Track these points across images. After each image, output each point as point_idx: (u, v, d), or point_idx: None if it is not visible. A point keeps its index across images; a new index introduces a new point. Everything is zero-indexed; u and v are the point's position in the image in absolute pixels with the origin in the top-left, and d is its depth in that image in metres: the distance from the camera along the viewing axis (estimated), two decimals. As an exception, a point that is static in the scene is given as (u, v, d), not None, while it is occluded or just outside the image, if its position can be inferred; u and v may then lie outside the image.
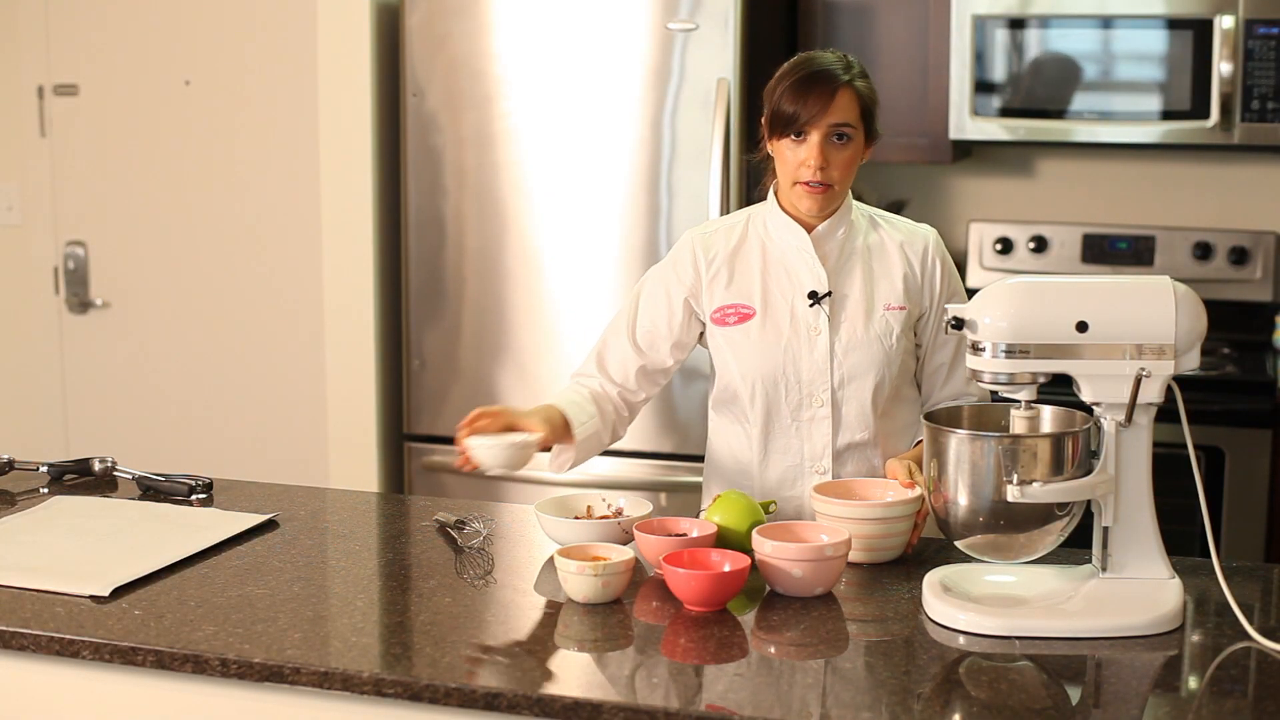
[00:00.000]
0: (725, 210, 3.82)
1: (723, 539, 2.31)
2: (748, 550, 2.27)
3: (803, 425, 2.61)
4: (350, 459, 4.26)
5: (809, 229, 2.62)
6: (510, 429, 2.51)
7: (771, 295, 2.62)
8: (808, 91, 2.53)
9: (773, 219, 2.65)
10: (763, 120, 2.62)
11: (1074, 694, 1.92)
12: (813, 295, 2.59)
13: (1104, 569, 2.16)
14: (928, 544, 2.47)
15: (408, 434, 4.20)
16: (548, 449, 2.60)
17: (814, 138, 2.52)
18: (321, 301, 4.39)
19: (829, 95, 2.52)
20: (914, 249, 2.65)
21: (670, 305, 2.67)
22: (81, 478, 2.86)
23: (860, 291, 2.61)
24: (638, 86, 3.91)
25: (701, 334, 2.70)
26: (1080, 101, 3.93)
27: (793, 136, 2.54)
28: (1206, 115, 3.80)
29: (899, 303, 2.61)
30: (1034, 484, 2.08)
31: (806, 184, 2.55)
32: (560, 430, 2.60)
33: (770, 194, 2.67)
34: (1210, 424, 3.66)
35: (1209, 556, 2.18)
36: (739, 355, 2.63)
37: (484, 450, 2.43)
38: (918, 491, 2.39)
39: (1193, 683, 1.96)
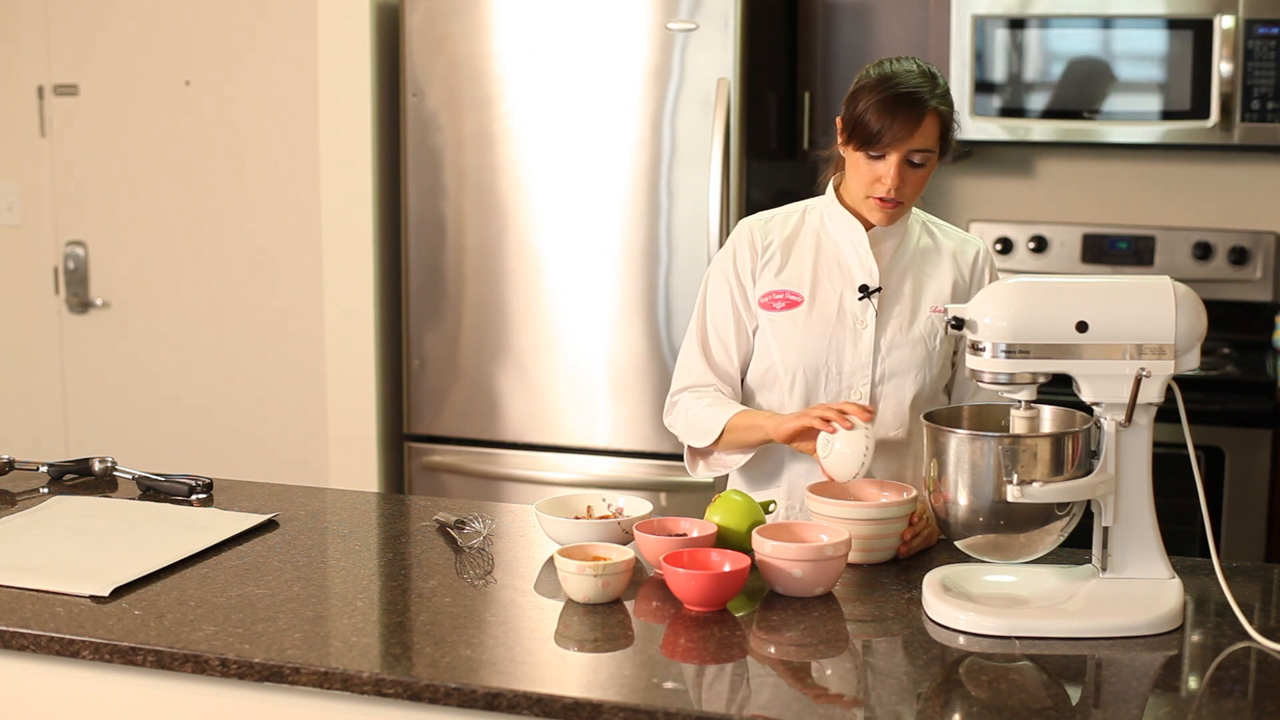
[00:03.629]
0: (725, 210, 3.82)
1: (723, 539, 2.31)
2: (748, 550, 2.27)
3: None
4: (350, 459, 4.26)
5: (866, 226, 2.63)
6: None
7: (821, 285, 2.63)
8: (894, 113, 2.49)
9: (830, 212, 2.66)
10: (839, 121, 2.59)
11: (1074, 694, 1.92)
12: (863, 289, 2.61)
13: (1104, 569, 2.16)
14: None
15: (408, 434, 4.20)
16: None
17: (893, 158, 2.51)
18: (321, 301, 4.40)
19: (915, 121, 2.50)
20: (964, 257, 2.67)
21: (743, 289, 2.67)
22: (81, 478, 2.86)
23: (909, 291, 2.63)
24: (638, 86, 3.91)
25: None
26: (1080, 102, 3.93)
27: (870, 153, 2.53)
28: (1206, 115, 3.81)
29: (945, 306, 2.61)
30: (1034, 484, 2.08)
31: (879, 199, 2.55)
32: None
33: (830, 188, 2.68)
34: (1210, 424, 3.66)
35: (1209, 556, 2.18)
36: (782, 341, 2.64)
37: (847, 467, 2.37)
38: (912, 492, 2.39)
39: (1193, 683, 1.96)
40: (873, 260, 2.62)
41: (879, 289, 2.61)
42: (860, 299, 2.61)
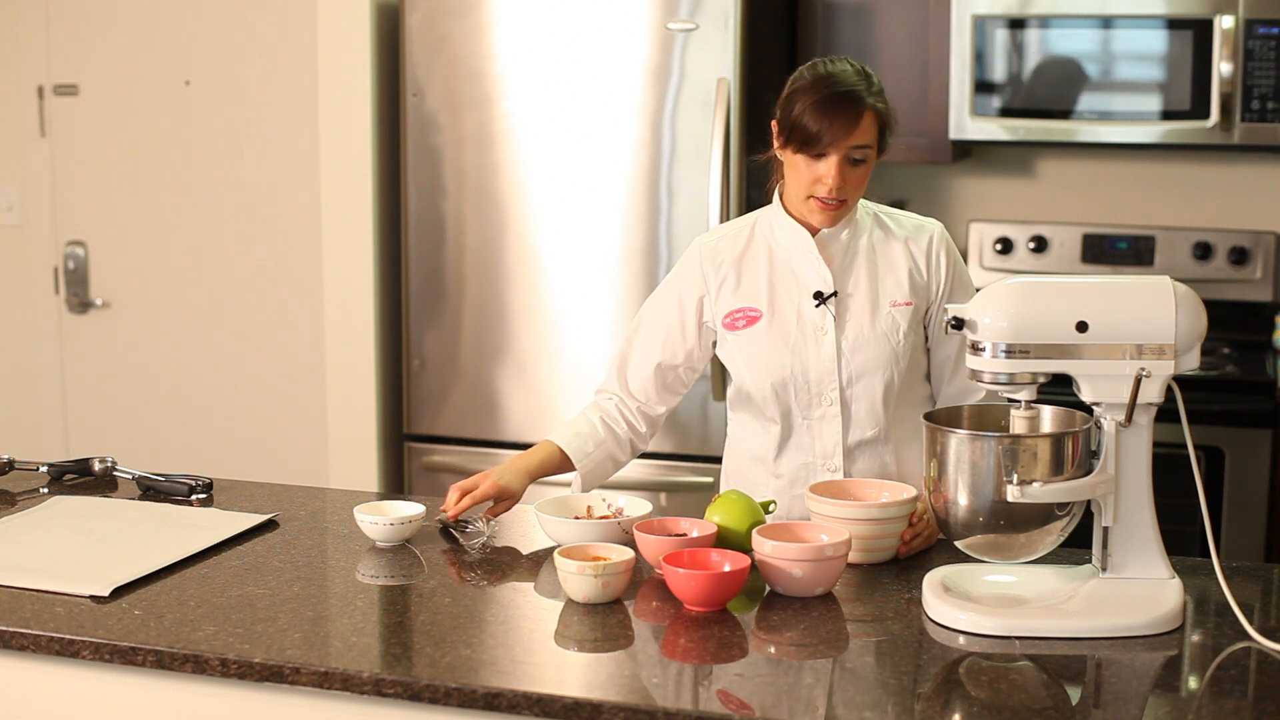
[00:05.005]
0: (725, 210, 3.82)
1: (723, 539, 2.31)
2: (748, 550, 2.27)
3: (814, 424, 2.61)
4: (350, 459, 4.26)
5: (813, 231, 2.62)
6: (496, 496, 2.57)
7: (778, 297, 2.62)
8: (832, 112, 2.49)
9: (777, 221, 2.65)
10: (775, 124, 2.60)
11: (1074, 694, 1.92)
12: (818, 295, 2.60)
13: (1104, 569, 2.16)
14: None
15: (408, 434, 4.20)
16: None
17: (833, 158, 2.51)
18: (321, 301, 4.39)
19: (854, 118, 2.50)
20: (918, 244, 2.65)
21: (683, 315, 2.68)
22: (81, 478, 2.86)
23: (866, 290, 2.61)
24: (638, 86, 3.91)
25: (715, 341, 2.71)
26: (1080, 101, 3.93)
27: (810, 154, 2.53)
28: (1206, 115, 3.81)
29: (905, 299, 2.61)
30: (1034, 484, 2.08)
31: (821, 199, 2.55)
32: (562, 463, 2.67)
33: (775, 197, 2.67)
34: (1210, 424, 3.66)
35: (1209, 556, 2.18)
36: (748, 358, 2.63)
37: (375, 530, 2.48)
38: (912, 492, 2.39)
39: (1193, 683, 1.96)
40: (824, 265, 2.60)
41: (834, 293, 2.60)
42: (817, 306, 2.60)
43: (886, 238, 2.65)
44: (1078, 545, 2.27)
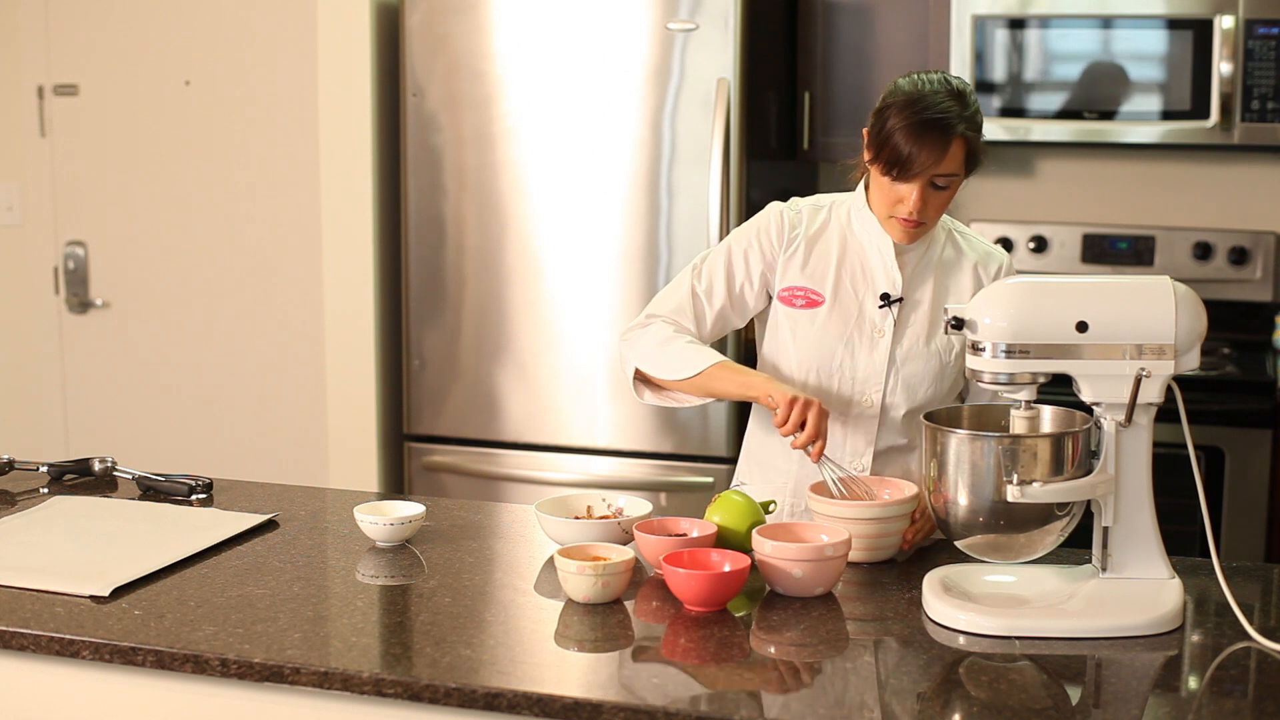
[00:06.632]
0: (725, 210, 3.82)
1: (723, 539, 2.31)
2: (748, 550, 2.27)
3: (848, 421, 2.60)
4: (350, 459, 4.26)
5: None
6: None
7: (843, 288, 2.61)
8: (920, 139, 2.43)
9: (858, 214, 2.63)
10: (866, 133, 2.53)
11: (1074, 694, 1.92)
12: (885, 297, 2.59)
13: (1104, 569, 2.16)
14: (927, 543, 2.47)
15: (408, 434, 4.20)
16: None
17: (917, 182, 2.48)
18: (321, 301, 4.40)
19: (943, 148, 2.45)
20: (987, 270, 2.64)
21: (749, 271, 2.64)
22: (81, 478, 2.86)
23: (929, 303, 2.60)
24: (638, 86, 3.91)
25: (764, 308, 2.68)
26: (1080, 102, 3.93)
27: (894, 177, 2.49)
28: (1206, 115, 3.81)
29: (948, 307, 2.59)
30: (1034, 484, 2.08)
31: (901, 219, 2.53)
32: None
33: (860, 188, 2.64)
34: (1210, 424, 3.66)
35: (1209, 556, 2.18)
36: (799, 339, 2.62)
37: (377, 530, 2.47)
38: (914, 490, 2.39)
39: (1193, 683, 1.96)
40: (897, 269, 2.59)
41: (900, 299, 2.60)
42: (881, 307, 2.60)
43: (958, 257, 2.64)
44: (1078, 545, 2.27)
